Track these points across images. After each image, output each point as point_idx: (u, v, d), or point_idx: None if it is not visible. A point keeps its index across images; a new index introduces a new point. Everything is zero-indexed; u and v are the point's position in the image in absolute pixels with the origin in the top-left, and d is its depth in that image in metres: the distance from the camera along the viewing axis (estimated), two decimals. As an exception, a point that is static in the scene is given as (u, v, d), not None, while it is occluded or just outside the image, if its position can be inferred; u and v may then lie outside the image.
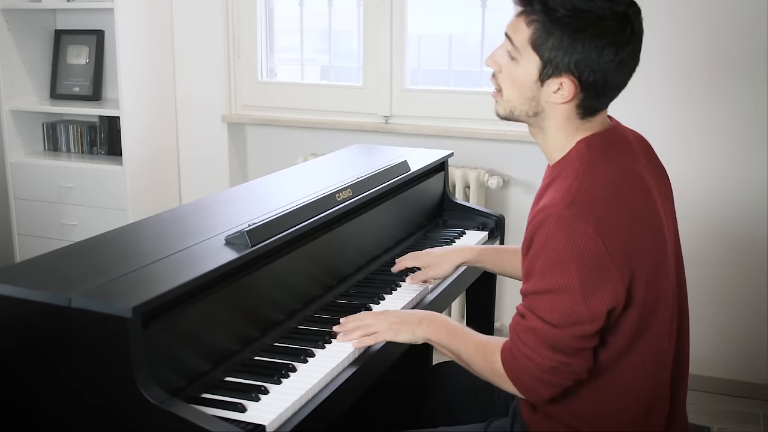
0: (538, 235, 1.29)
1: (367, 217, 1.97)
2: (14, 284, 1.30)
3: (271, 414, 1.28)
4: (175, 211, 1.80)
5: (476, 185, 3.06)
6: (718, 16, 2.71)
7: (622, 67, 1.32)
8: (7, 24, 3.46)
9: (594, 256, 1.25)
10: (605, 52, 1.29)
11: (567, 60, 1.30)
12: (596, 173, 1.32)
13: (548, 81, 1.34)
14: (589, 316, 1.26)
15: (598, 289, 1.25)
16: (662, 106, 2.83)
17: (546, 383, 1.31)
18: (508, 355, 1.34)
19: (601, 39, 1.28)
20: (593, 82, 1.31)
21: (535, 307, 1.30)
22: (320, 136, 3.42)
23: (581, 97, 1.34)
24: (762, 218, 2.78)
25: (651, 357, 1.36)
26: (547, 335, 1.28)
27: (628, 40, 1.31)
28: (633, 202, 1.32)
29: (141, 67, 3.39)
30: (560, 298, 1.26)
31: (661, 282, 1.35)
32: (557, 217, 1.26)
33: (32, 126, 3.67)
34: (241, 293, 1.47)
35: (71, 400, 1.27)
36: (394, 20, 3.21)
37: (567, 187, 1.30)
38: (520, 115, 1.41)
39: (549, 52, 1.31)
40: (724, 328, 2.90)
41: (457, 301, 3.09)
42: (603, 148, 1.37)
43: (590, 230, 1.24)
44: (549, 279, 1.27)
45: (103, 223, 3.21)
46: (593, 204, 1.27)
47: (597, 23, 1.28)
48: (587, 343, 1.30)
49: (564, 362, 1.29)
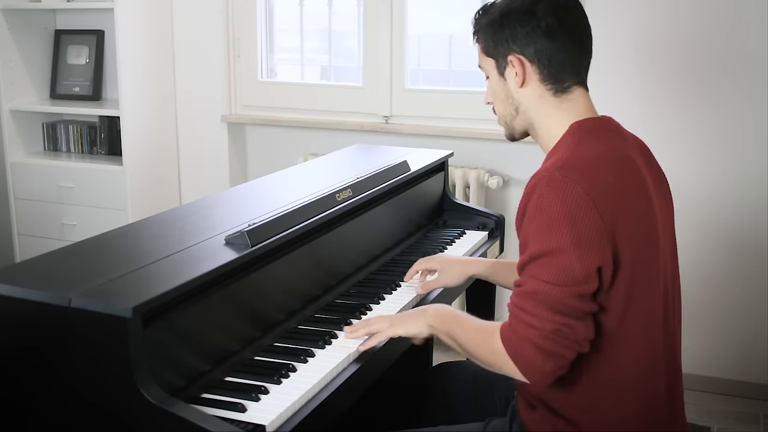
0: (531, 199, 1.33)
1: (367, 217, 1.97)
2: (14, 284, 1.30)
3: (271, 414, 1.28)
4: (175, 211, 1.80)
5: (476, 185, 3.06)
6: (712, 11, 2.71)
7: (550, 30, 1.41)
8: (7, 24, 3.47)
9: (584, 216, 1.28)
10: (527, 22, 1.42)
11: (505, 45, 1.45)
12: (588, 146, 1.38)
13: (506, 73, 1.46)
14: (585, 274, 1.28)
15: (589, 246, 1.28)
16: (659, 105, 2.83)
17: (548, 354, 1.28)
18: (507, 331, 1.33)
19: (519, 15, 1.43)
20: (534, 52, 1.42)
21: (533, 273, 1.31)
22: (320, 136, 3.42)
23: (538, 70, 1.43)
24: (762, 218, 2.78)
25: (639, 344, 1.36)
26: (547, 295, 1.28)
27: (541, 6, 1.42)
28: (623, 177, 1.36)
29: (141, 67, 3.40)
30: (556, 258, 1.28)
31: (649, 263, 1.36)
32: (548, 179, 1.31)
33: (32, 126, 3.67)
34: (241, 293, 1.47)
35: (71, 400, 1.27)
36: (394, 20, 3.21)
37: (558, 156, 1.37)
38: (511, 122, 1.52)
39: (493, 49, 1.47)
40: (724, 328, 2.90)
41: (457, 301, 3.09)
42: (596, 130, 1.42)
43: (580, 190, 1.28)
44: (543, 241, 1.29)
45: (103, 223, 3.22)
46: (584, 169, 1.32)
47: (522, 7, 1.43)
48: (587, 306, 1.30)
49: (566, 324, 1.28)
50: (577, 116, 1.43)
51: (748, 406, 2.85)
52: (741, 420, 2.76)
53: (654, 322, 1.39)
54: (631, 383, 1.37)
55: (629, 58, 2.83)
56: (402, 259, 2.09)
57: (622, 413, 1.38)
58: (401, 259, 2.09)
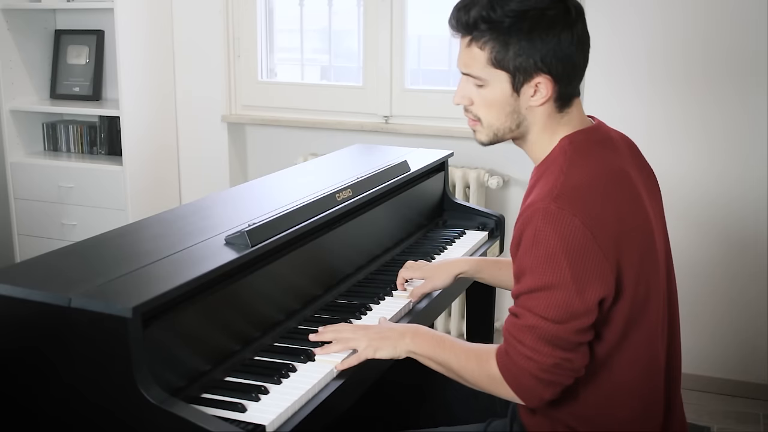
0: (527, 231, 1.29)
1: (367, 217, 1.97)
2: (14, 284, 1.30)
3: (271, 414, 1.28)
4: (175, 211, 1.80)
5: (476, 185, 3.06)
6: (712, 10, 2.71)
7: (581, 46, 1.35)
8: (7, 24, 3.46)
9: (583, 248, 1.25)
10: (563, 38, 1.32)
11: (533, 61, 1.32)
12: (581, 168, 1.33)
13: (523, 89, 1.35)
14: (585, 308, 1.26)
15: (589, 280, 1.26)
16: (659, 104, 2.83)
17: (547, 383, 1.30)
18: (505, 359, 1.32)
19: (553, 28, 1.31)
20: (563, 70, 1.33)
21: (531, 306, 1.29)
22: (320, 136, 3.42)
23: (557, 89, 1.35)
24: (762, 218, 2.78)
25: (644, 352, 1.37)
26: (547, 332, 1.27)
27: (576, 19, 1.34)
28: (618, 196, 1.33)
29: (141, 67, 3.39)
30: (555, 294, 1.26)
31: (650, 276, 1.36)
32: (544, 212, 1.27)
33: (32, 126, 3.67)
34: (241, 293, 1.47)
35: (71, 400, 1.27)
36: (394, 20, 3.21)
37: (552, 182, 1.31)
38: (505, 134, 1.42)
39: (513, 61, 1.33)
40: (724, 328, 2.90)
41: (457, 301, 3.09)
42: (586, 145, 1.38)
43: (578, 222, 1.25)
44: (541, 276, 1.27)
45: (103, 223, 3.22)
46: (579, 197, 1.28)
47: (543, 16, 1.31)
48: (584, 337, 1.30)
49: (565, 358, 1.28)
50: (571, 129, 1.40)
51: (748, 406, 2.85)
52: (741, 420, 2.76)
53: (655, 331, 1.39)
54: (630, 392, 1.37)
55: (630, 59, 2.83)
56: (402, 259, 2.08)
57: (621, 416, 1.38)
58: (401, 259, 2.08)
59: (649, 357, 1.38)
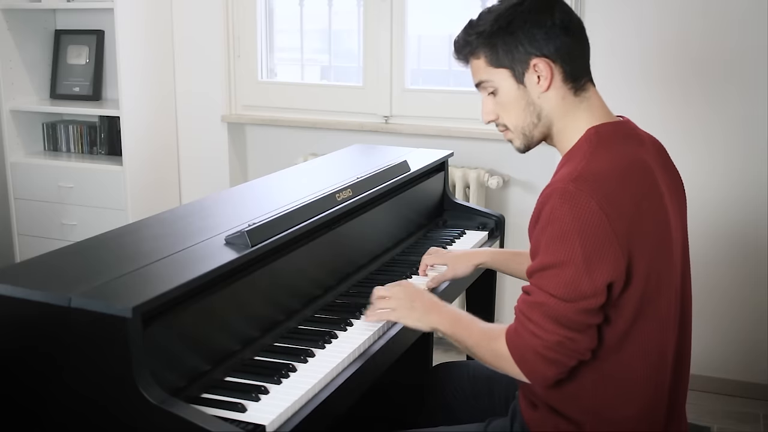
0: (545, 209, 1.32)
1: (367, 217, 1.97)
2: (14, 284, 1.30)
3: (271, 414, 1.28)
4: (175, 211, 1.80)
5: (476, 185, 3.06)
6: (715, 13, 2.71)
7: (565, 24, 1.40)
8: (7, 24, 3.47)
9: (597, 231, 1.27)
10: (542, 21, 1.39)
11: (522, 48, 1.40)
12: (603, 156, 1.36)
13: (526, 78, 1.42)
14: (593, 289, 1.28)
15: (600, 262, 1.28)
16: (661, 105, 2.83)
17: (550, 361, 1.31)
18: (513, 335, 1.35)
19: (531, 16, 1.40)
20: (554, 48, 1.39)
21: (541, 284, 1.32)
22: (320, 136, 3.42)
23: (561, 69, 1.40)
24: (762, 218, 2.78)
25: (654, 347, 1.37)
26: (553, 309, 1.29)
27: (553, 3, 1.41)
28: (638, 186, 1.35)
29: (141, 67, 3.40)
30: (564, 271, 1.28)
31: (662, 271, 1.36)
32: (562, 191, 1.30)
33: (32, 126, 3.67)
34: (241, 293, 1.47)
35: (71, 400, 1.27)
36: (394, 20, 3.21)
37: (574, 166, 1.35)
38: (532, 131, 1.46)
39: (506, 57, 1.42)
40: (724, 328, 2.90)
41: (457, 300, 3.09)
42: (613, 137, 1.41)
43: (594, 205, 1.27)
44: (553, 253, 1.29)
45: (103, 223, 3.21)
46: (598, 181, 1.30)
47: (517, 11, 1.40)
48: (592, 319, 1.31)
49: (569, 337, 1.30)
50: (595, 118, 1.42)
51: (748, 406, 2.85)
52: (741, 420, 2.76)
53: (667, 325, 1.40)
54: (637, 384, 1.38)
55: (630, 60, 2.83)
56: (402, 259, 2.09)
57: (626, 413, 1.38)
58: (401, 259, 2.09)
59: (659, 353, 1.38)
